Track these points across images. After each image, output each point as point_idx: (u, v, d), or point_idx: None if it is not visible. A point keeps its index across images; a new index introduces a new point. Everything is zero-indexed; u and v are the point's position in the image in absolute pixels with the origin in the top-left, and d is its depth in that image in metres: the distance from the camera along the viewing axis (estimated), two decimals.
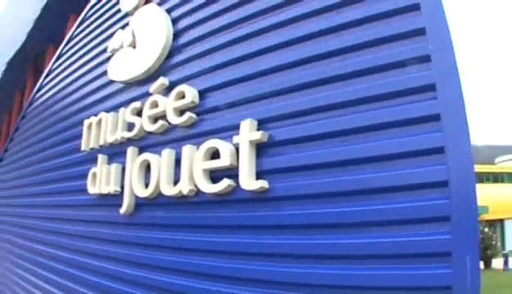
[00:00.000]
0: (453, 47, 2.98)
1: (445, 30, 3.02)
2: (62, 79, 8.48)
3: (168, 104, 4.70)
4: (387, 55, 3.24)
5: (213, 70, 4.51)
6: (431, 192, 2.84)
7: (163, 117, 4.79)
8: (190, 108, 4.48)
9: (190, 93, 4.46)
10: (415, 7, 3.16)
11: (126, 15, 6.45)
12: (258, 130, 3.78)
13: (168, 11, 5.49)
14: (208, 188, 3.97)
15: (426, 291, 2.78)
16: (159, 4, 5.71)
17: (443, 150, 2.79)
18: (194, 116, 4.41)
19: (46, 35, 13.10)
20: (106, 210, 5.57)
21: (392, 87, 3.15)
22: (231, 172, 3.88)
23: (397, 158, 3.04)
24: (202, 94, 4.50)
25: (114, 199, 5.32)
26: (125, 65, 5.78)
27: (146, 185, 4.78)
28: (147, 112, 4.96)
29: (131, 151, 5.08)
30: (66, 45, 8.93)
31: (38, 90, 9.96)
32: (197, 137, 4.33)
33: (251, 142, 3.75)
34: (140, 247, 4.86)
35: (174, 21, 5.34)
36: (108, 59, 6.46)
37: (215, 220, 4.07)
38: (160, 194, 4.55)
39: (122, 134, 5.34)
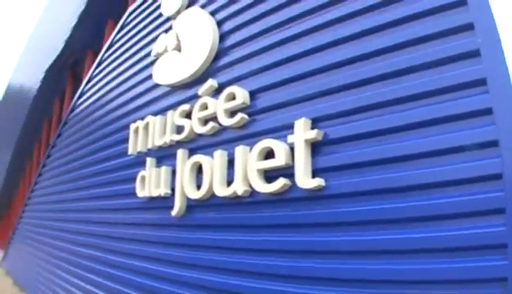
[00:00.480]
0: (501, 41, 2.99)
1: (492, 24, 3.04)
2: (104, 85, 8.72)
3: (218, 105, 4.81)
4: (436, 51, 3.28)
5: (263, 71, 4.59)
6: (485, 185, 2.86)
7: (213, 118, 4.90)
8: (242, 109, 4.57)
9: (241, 94, 4.55)
10: (462, 3, 3.18)
11: (168, 19, 6.60)
12: (312, 128, 3.81)
13: (213, 13, 5.62)
14: (264, 188, 4.05)
15: (482, 283, 2.79)
16: (203, 7, 5.83)
17: (497, 143, 2.82)
18: (246, 117, 4.49)
19: (84, 42, 13.37)
20: (156, 212, 5.72)
21: (444, 83, 3.19)
22: (286, 171, 3.95)
23: (451, 153, 3.07)
24: (253, 95, 4.59)
25: (165, 202, 5.46)
26: (171, 69, 5.93)
27: (198, 187, 4.88)
28: (197, 114, 5.08)
29: (181, 153, 5.20)
30: (107, 51, 9.17)
31: (80, 96, 10.23)
32: (250, 138, 4.43)
33: (306, 141, 3.82)
34: (193, 249, 4.98)
35: (219, 23, 5.46)
36: (152, 63, 6.65)
37: (270, 219, 4.13)
38: (213, 196, 4.66)
39: (171, 137, 5.48)
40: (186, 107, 5.36)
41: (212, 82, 5.07)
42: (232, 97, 4.68)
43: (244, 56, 4.92)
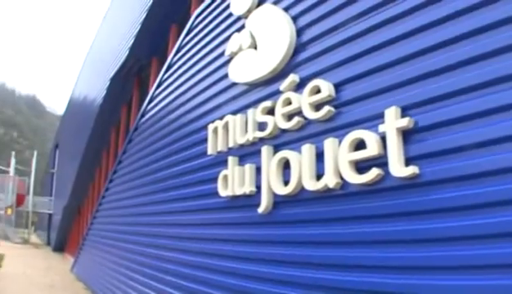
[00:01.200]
0: None
1: None
2: (176, 88, 9.00)
3: (302, 100, 4.92)
4: None
5: (347, 62, 4.68)
6: None
7: (298, 113, 5.01)
8: (328, 101, 4.66)
9: (327, 87, 4.66)
10: None
11: (239, 18, 6.77)
12: (403, 117, 3.85)
13: (286, 9, 5.75)
14: (356, 179, 4.14)
15: None
16: (276, 3, 5.96)
17: None
18: (332, 109, 4.58)
19: (148, 49, 13.83)
20: (240, 211, 5.86)
21: None
22: (378, 161, 4.02)
23: None
24: (337, 87, 4.67)
25: (249, 200, 5.62)
26: (248, 67, 6.11)
27: (285, 183, 4.98)
28: (280, 110, 5.21)
29: (266, 150, 5.34)
30: (176, 55, 9.45)
31: (150, 101, 10.58)
32: (338, 130, 4.52)
33: (398, 129, 3.87)
34: (282, 245, 5.11)
35: (294, 18, 5.58)
36: (226, 63, 6.83)
37: (363, 210, 4.20)
38: (302, 190, 4.76)
39: (254, 134, 5.63)
40: (267, 103, 5.50)
41: (293, 77, 5.20)
42: (317, 90, 4.78)
43: (324, 49, 5.02)
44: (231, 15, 7.11)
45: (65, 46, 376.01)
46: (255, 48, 6.14)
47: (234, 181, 5.83)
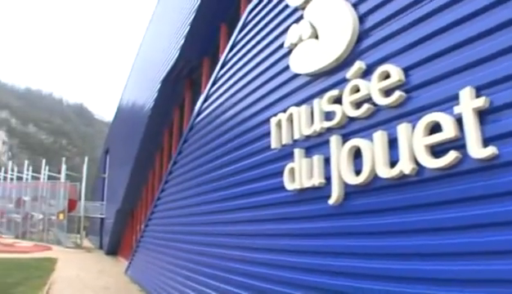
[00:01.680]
0: None
1: None
2: (232, 85, 9.13)
3: (371, 86, 4.92)
4: None
5: (415, 46, 4.68)
6: None
7: (367, 100, 5.02)
8: (398, 86, 4.67)
9: (396, 72, 4.67)
10: None
11: (296, 9, 6.80)
12: (477, 97, 3.83)
13: None
14: (433, 163, 4.13)
15: None
16: None
17: None
18: (403, 94, 4.57)
19: (198, 49, 14.05)
20: (309, 204, 5.87)
21: None
22: (455, 144, 4.00)
23: None
24: (407, 71, 4.65)
25: (318, 192, 5.64)
26: (310, 57, 6.17)
27: (356, 172, 4.99)
28: (348, 98, 5.24)
29: (335, 140, 5.36)
30: (230, 52, 9.58)
31: (205, 100, 10.74)
32: (410, 114, 4.51)
33: (474, 110, 3.84)
34: (354, 237, 5.11)
35: (355, 5, 5.60)
36: (285, 55, 6.89)
37: (440, 196, 4.16)
38: (376, 179, 4.75)
39: (321, 124, 5.67)
40: (334, 92, 5.54)
41: (360, 64, 5.23)
42: (385, 76, 4.79)
43: (390, 34, 5.02)
44: (286, 7, 7.19)
45: (110, 54, 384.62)
46: (316, 38, 6.17)
47: (301, 174, 5.87)
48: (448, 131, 3.99)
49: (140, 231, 22.39)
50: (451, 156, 3.94)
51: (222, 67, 10.06)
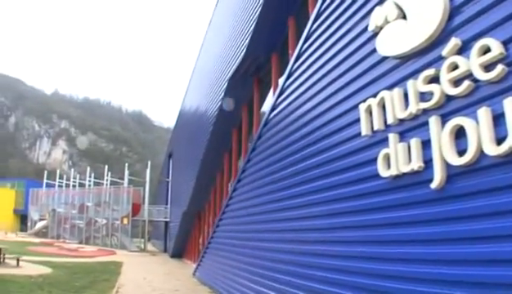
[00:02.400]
0: None
1: None
2: (310, 75, 9.20)
3: (471, 62, 4.82)
4: None
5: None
6: None
7: (466, 77, 4.93)
8: (500, 60, 4.54)
9: (496, 45, 4.56)
10: None
11: None
12: None
13: None
14: None
15: None
16: None
17: None
18: (505, 67, 4.45)
19: (266, 44, 14.13)
20: (407, 190, 5.75)
21: None
22: None
23: None
24: (506, 44, 4.54)
25: (417, 176, 5.54)
26: (399, 39, 6.10)
27: (459, 153, 4.89)
28: (446, 76, 5.15)
29: (434, 120, 5.27)
30: (305, 43, 9.61)
31: (280, 94, 10.78)
32: None
33: None
34: (459, 221, 4.96)
35: None
36: (369, 39, 6.86)
37: None
38: (481, 158, 4.63)
39: (417, 106, 5.58)
40: (429, 72, 5.46)
41: (456, 41, 5.14)
42: (485, 50, 4.69)
43: (485, 8, 4.89)
44: None
45: (167, 60, 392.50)
46: (404, 18, 6.11)
47: (398, 159, 5.80)
48: None
49: (208, 233, 22.74)
50: None
51: (296, 59, 10.08)
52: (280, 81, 11.12)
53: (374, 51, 6.71)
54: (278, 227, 10.27)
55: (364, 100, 6.74)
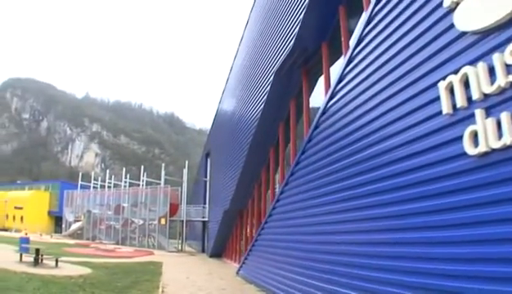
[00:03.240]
0: None
1: None
2: (375, 59, 9.01)
3: None
4: None
5: None
6: None
7: None
8: None
9: None
10: None
11: None
12: None
13: None
14: None
15: None
16: None
17: None
18: None
19: (314, 35, 13.96)
20: (497, 167, 5.54)
21: None
22: None
23: None
24: None
25: (510, 151, 5.33)
26: (478, 13, 5.97)
27: None
28: None
29: None
30: (366, 26, 9.44)
31: (339, 81, 10.64)
32: None
33: None
34: None
35: None
36: (444, 16, 6.70)
37: None
38: None
39: (506, 79, 5.43)
40: None
41: None
42: None
43: None
44: None
45: (198, 61, 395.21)
46: None
47: (487, 135, 5.61)
48: None
49: (251, 231, 22.65)
50: None
51: (357, 45, 9.94)
52: (335, 70, 10.98)
53: (451, 27, 6.56)
54: (340, 218, 10.14)
55: (443, 78, 6.58)
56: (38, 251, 19.69)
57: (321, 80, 13.93)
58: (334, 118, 11.03)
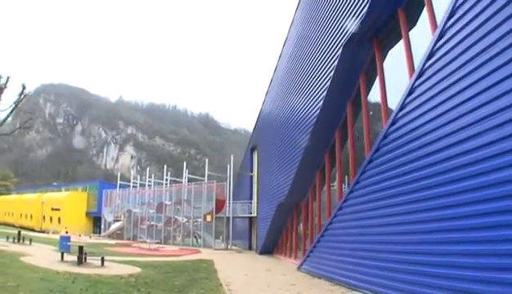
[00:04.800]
0: None
1: None
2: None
3: None
4: None
5: None
6: None
7: None
8: None
9: None
10: None
11: None
12: None
13: None
14: None
15: None
16: None
17: None
18: None
19: (388, 1, 13.07)
20: None
21: None
22: None
23: None
24: None
25: None
26: None
27: None
28: None
29: None
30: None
31: (429, 57, 9.84)
32: None
33: None
34: None
35: None
36: None
37: None
38: None
39: None
40: None
41: None
42: None
43: None
44: None
45: (231, 61, 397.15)
46: None
47: None
48: None
49: (312, 223, 21.81)
50: None
51: (451, 15, 9.10)
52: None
53: None
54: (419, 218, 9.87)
55: None
56: (81, 248, 18.75)
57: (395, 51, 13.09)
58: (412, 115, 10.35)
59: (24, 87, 18.25)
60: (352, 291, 13.33)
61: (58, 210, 77.12)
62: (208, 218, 43.45)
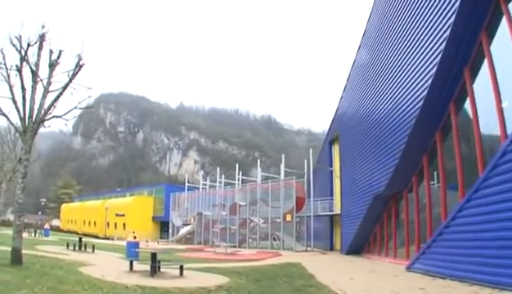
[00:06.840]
0: None
1: None
2: None
3: None
4: None
5: None
6: None
7: None
8: None
9: None
10: None
11: None
12: None
13: None
14: None
15: None
16: None
17: None
18: None
19: None
20: None
21: None
22: None
23: None
24: None
25: None
26: None
27: None
28: None
29: None
30: None
31: None
32: None
33: None
34: None
35: None
36: None
37: None
38: None
39: None
40: None
41: None
42: None
43: None
44: None
45: (289, 62, 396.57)
46: None
47: None
48: None
49: (418, 216, 19.86)
50: None
51: None
52: None
53: None
54: None
55: None
56: (154, 256, 15.44)
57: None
58: None
59: (80, 58, 16.31)
60: (502, 292, 11.04)
61: (123, 215, 76.87)
62: (289, 217, 41.33)
